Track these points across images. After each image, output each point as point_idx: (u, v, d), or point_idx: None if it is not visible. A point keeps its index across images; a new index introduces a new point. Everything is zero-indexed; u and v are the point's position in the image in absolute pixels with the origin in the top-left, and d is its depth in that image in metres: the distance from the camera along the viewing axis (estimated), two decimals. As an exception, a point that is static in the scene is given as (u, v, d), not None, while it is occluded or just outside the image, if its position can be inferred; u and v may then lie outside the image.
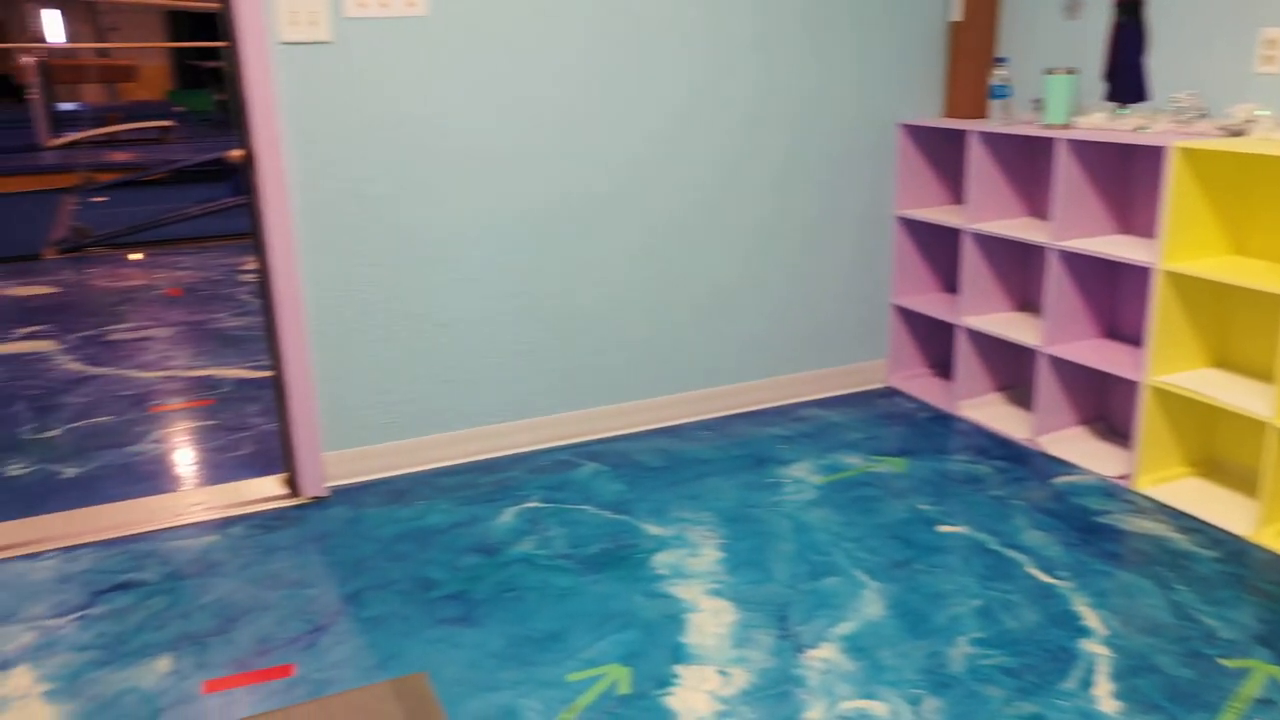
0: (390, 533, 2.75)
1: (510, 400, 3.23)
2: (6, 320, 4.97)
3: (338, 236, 2.88)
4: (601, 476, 3.08)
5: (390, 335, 3.02)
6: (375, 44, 2.78)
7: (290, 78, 2.71)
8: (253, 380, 4.05)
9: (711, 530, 2.73)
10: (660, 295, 3.36)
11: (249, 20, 2.58)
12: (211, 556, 2.64)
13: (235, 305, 5.21)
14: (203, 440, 3.44)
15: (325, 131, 2.79)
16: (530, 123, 3.03)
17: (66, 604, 2.42)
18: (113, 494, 3.03)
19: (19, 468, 3.23)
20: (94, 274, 5.99)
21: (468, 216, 3.02)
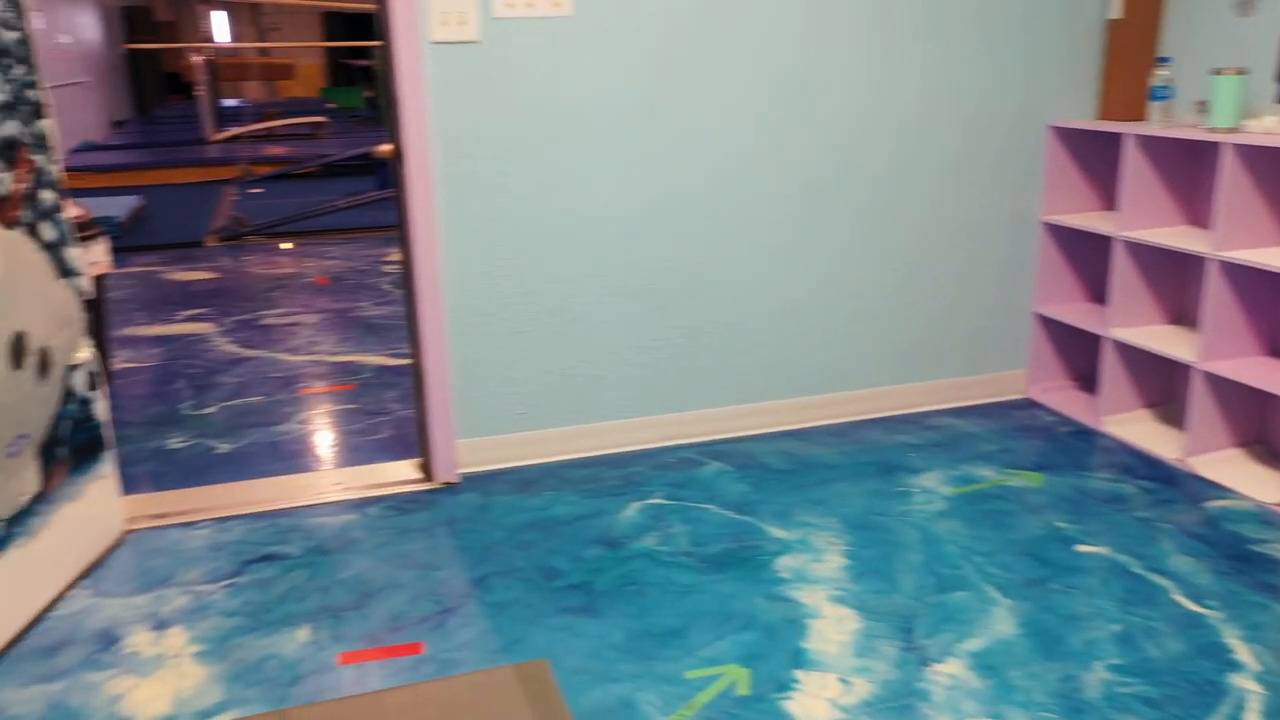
0: (517, 521, 2.81)
1: (638, 396, 3.26)
2: (171, 303, 5.30)
3: (477, 231, 2.96)
4: (726, 476, 3.07)
5: (523, 328, 3.09)
6: (520, 43, 2.85)
7: (438, 76, 2.80)
8: (392, 367, 4.20)
9: (836, 536, 2.69)
10: (793, 298, 3.33)
11: (403, 21, 2.68)
12: (349, 534, 2.75)
13: (378, 295, 5.41)
14: (344, 423, 3.59)
15: (469, 128, 2.87)
16: (670, 121, 3.05)
17: (218, 571, 2.56)
18: (261, 470, 3.20)
19: (179, 441, 3.44)
20: (250, 261, 6.32)
21: (603, 213, 3.06)
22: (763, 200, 3.21)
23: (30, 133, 2.36)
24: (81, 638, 2.28)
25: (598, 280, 3.12)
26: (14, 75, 2.31)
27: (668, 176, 3.09)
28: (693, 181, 3.12)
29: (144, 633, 2.29)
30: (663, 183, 3.09)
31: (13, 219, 2.23)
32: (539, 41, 2.86)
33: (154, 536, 2.75)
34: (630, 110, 3.00)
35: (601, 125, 2.99)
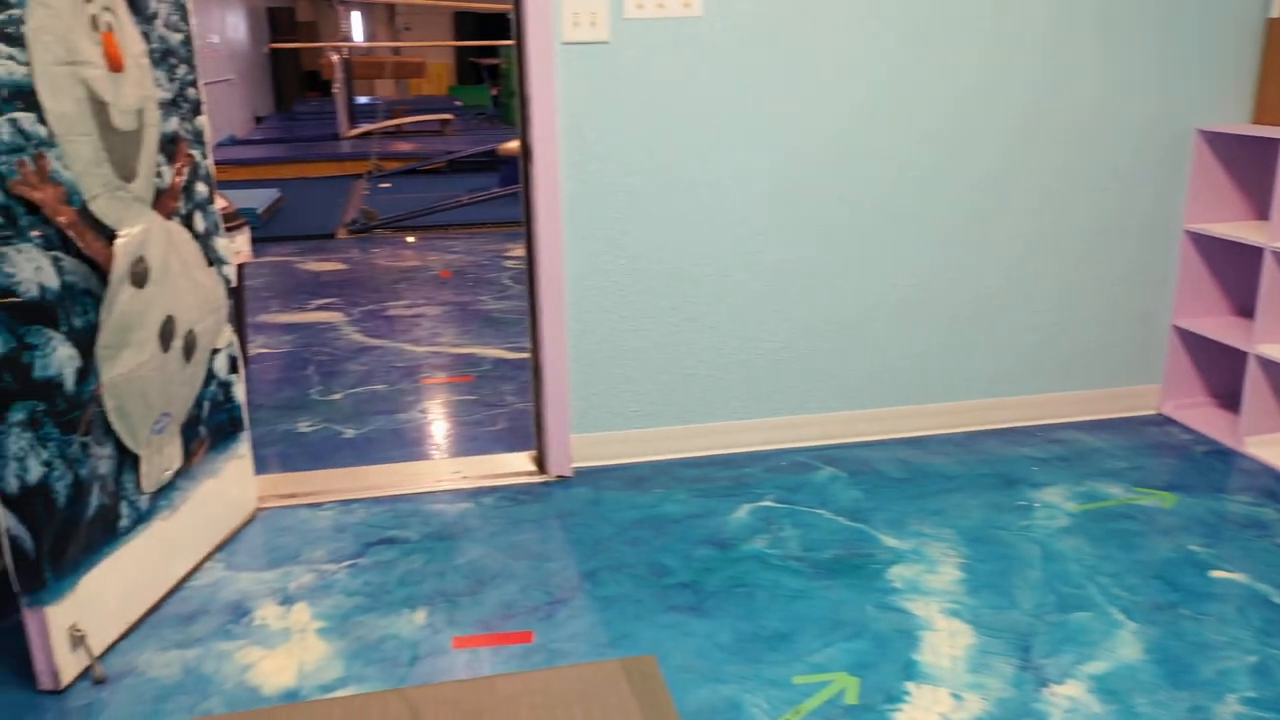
0: (628, 517, 2.84)
1: (753, 398, 3.24)
2: (303, 292, 5.53)
3: (600, 229, 2.99)
4: (839, 482, 3.03)
5: (641, 326, 3.11)
6: (649, 44, 2.87)
7: (568, 76, 2.84)
8: (510, 361, 4.29)
9: (952, 548, 2.63)
10: (916, 304, 3.26)
11: (536, 22, 2.74)
12: (465, 522, 2.82)
13: (498, 289, 5.54)
14: (462, 414, 3.68)
15: (596, 128, 2.91)
16: (796, 124, 3.02)
17: (341, 552, 2.66)
18: (384, 455, 3.31)
19: (308, 425, 3.59)
20: (377, 254, 6.55)
21: (724, 214, 3.06)
22: (883, 201, 3.15)
23: (189, 129, 2.50)
24: (215, 608, 2.40)
25: (716, 280, 3.12)
26: (177, 75, 2.45)
27: (790, 177, 3.07)
28: (814, 183, 3.09)
29: (272, 606, 2.40)
30: (785, 183, 3.07)
31: (170, 210, 2.37)
32: (668, 42, 2.88)
33: (283, 515, 2.88)
34: (755, 111, 2.99)
35: (726, 126, 2.99)
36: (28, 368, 1.93)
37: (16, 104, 1.87)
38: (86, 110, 2.03)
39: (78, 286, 2.02)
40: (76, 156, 2.00)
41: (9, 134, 1.85)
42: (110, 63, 2.10)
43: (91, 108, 2.04)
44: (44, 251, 1.93)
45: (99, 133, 2.07)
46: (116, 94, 2.13)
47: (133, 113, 2.20)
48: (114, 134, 2.12)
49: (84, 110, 2.03)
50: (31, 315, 1.92)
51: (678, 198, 3.02)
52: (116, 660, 2.20)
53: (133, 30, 2.25)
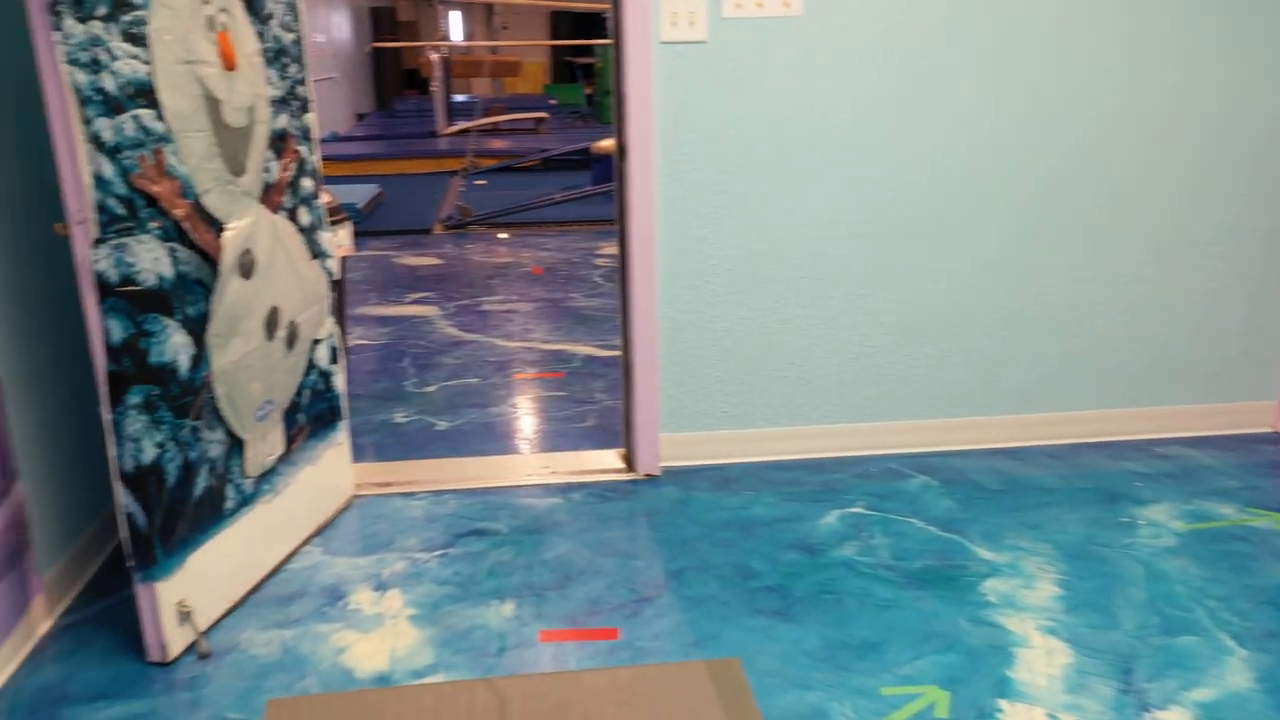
0: (716, 518, 2.83)
1: (844, 402, 3.20)
2: (400, 285, 5.66)
3: (693, 228, 2.99)
4: (932, 491, 2.97)
5: (733, 327, 3.09)
6: (747, 43, 2.85)
7: (665, 75, 2.84)
8: (599, 358, 4.31)
9: (1050, 563, 2.55)
10: (1014, 309, 3.17)
11: (634, 21, 2.74)
12: (554, 517, 2.85)
13: (589, 287, 5.57)
14: (552, 409, 3.72)
15: (691, 128, 2.90)
16: (895, 124, 2.97)
17: (432, 541, 2.71)
18: (475, 448, 3.36)
19: (403, 416, 3.67)
20: (472, 249, 6.65)
21: (820, 215, 3.02)
22: (987, 205, 3.08)
23: (297, 125, 2.58)
24: (313, 591, 2.47)
25: (811, 283, 3.08)
26: (288, 73, 2.52)
27: (889, 180, 3.02)
28: (915, 185, 3.03)
29: (366, 592, 2.46)
30: (884, 186, 3.02)
31: (277, 204, 2.44)
32: (766, 42, 2.86)
33: (378, 503, 2.95)
34: (854, 113, 2.95)
35: (825, 127, 2.95)
36: (145, 353, 2.01)
37: (139, 101, 1.95)
38: (202, 107, 2.11)
39: (190, 276, 2.10)
40: (191, 152, 2.08)
41: (132, 130, 1.93)
42: (224, 62, 2.18)
43: (206, 105, 2.12)
44: (161, 242, 2.01)
45: (212, 129, 2.14)
46: (230, 92, 2.20)
47: (244, 110, 2.27)
48: (226, 130, 2.20)
49: (199, 107, 2.10)
50: (149, 303, 2.00)
51: (774, 200, 3.00)
52: (220, 636, 2.28)
53: (248, 30, 2.32)
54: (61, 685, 2.11)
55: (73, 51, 1.82)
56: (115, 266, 1.94)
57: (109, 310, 1.94)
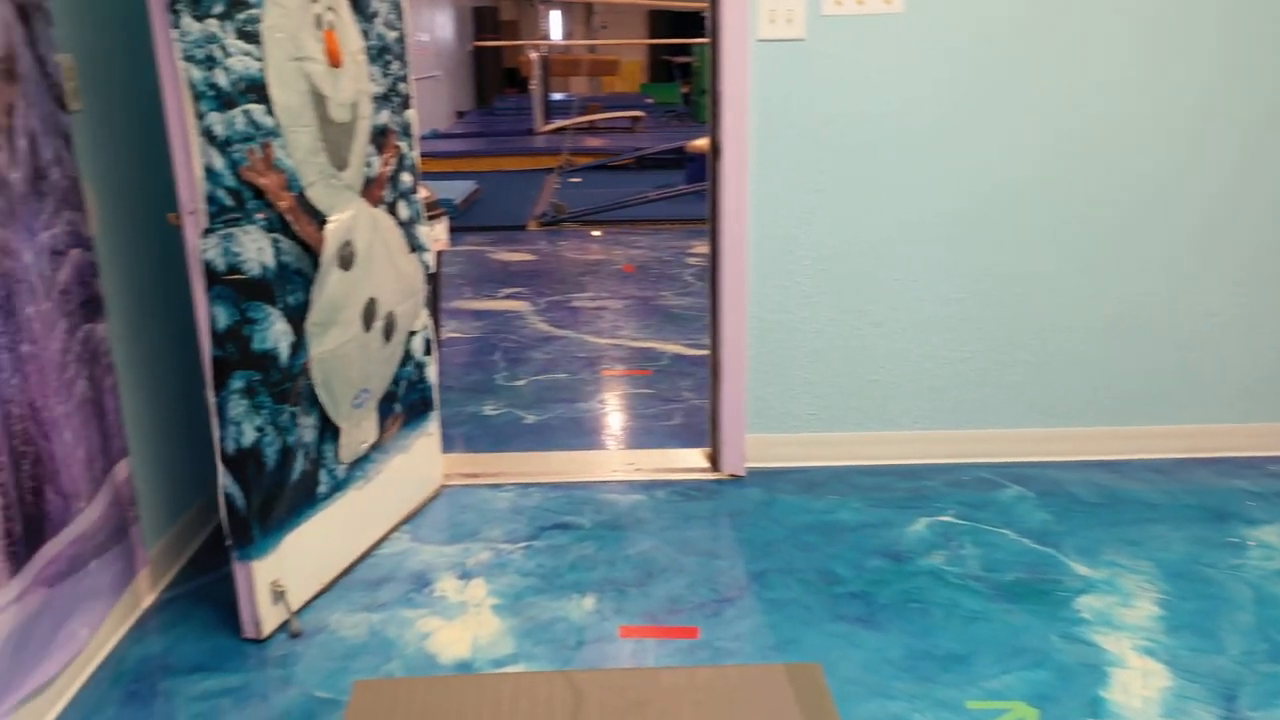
0: (800, 521, 2.80)
1: (936, 408, 3.13)
2: (493, 280, 5.75)
3: (786, 228, 2.96)
4: (1026, 502, 2.88)
5: (824, 329, 3.06)
6: (845, 41, 2.81)
7: (761, 73, 2.82)
8: (688, 357, 4.31)
9: (1150, 582, 2.45)
10: (1117, 316, 3.06)
11: (732, 19, 2.73)
12: (637, 514, 2.86)
13: (679, 285, 5.57)
14: (639, 407, 3.73)
15: (786, 126, 2.87)
16: (996, 124, 2.89)
17: (517, 533, 2.75)
18: (562, 443, 3.39)
19: (492, 409, 3.72)
20: (564, 246, 6.72)
21: (915, 217, 2.97)
22: (1091, 207, 2.97)
23: (398, 122, 2.64)
24: (400, 576, 2.53)
25: (905, 285, 3.02)
26: (391, 70, 2.59)
27: (990, 181, 2.94)
28: (1017, 186, 2.95)
29: (451, 580, 2.51)
30: (984, 187, 2.94)
31: (377, 198, 2.50)
32: (866, 39, 2.81)
33: (465, 493, 3.00)
34: (955, 112, 2.88)
35: (922, 127, 2.89)
36: (248, 340, 2.08)
37: (250, 96, 2.02)
38: (308, 103, 2.17)
39: (292, 267, 2.17)
40: (297, 146, 2.15)
41: (243, 124, 2.00)
42: (330, 59, 2.24)
43: (313, 101, 2.19)
44: (266, 233, 2.08)
45: (318, 124, 2.21)
46: (335, 88, 2.27)
47: (348, 105, 2.33)
48: (330, 125, 2.26)
49: (306, 103, 2.17)
50: (253, 292, 2.07)
51: (869, 200, 2.95)
52: (310, 617, 2.35)
53: (353, 28, 2.39)
54: (162, 657, 2.21)
55: (189, 48, 1.90)
56: (222, 255, 2.01)
57: (215, 298, 2.02)
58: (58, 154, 2.02)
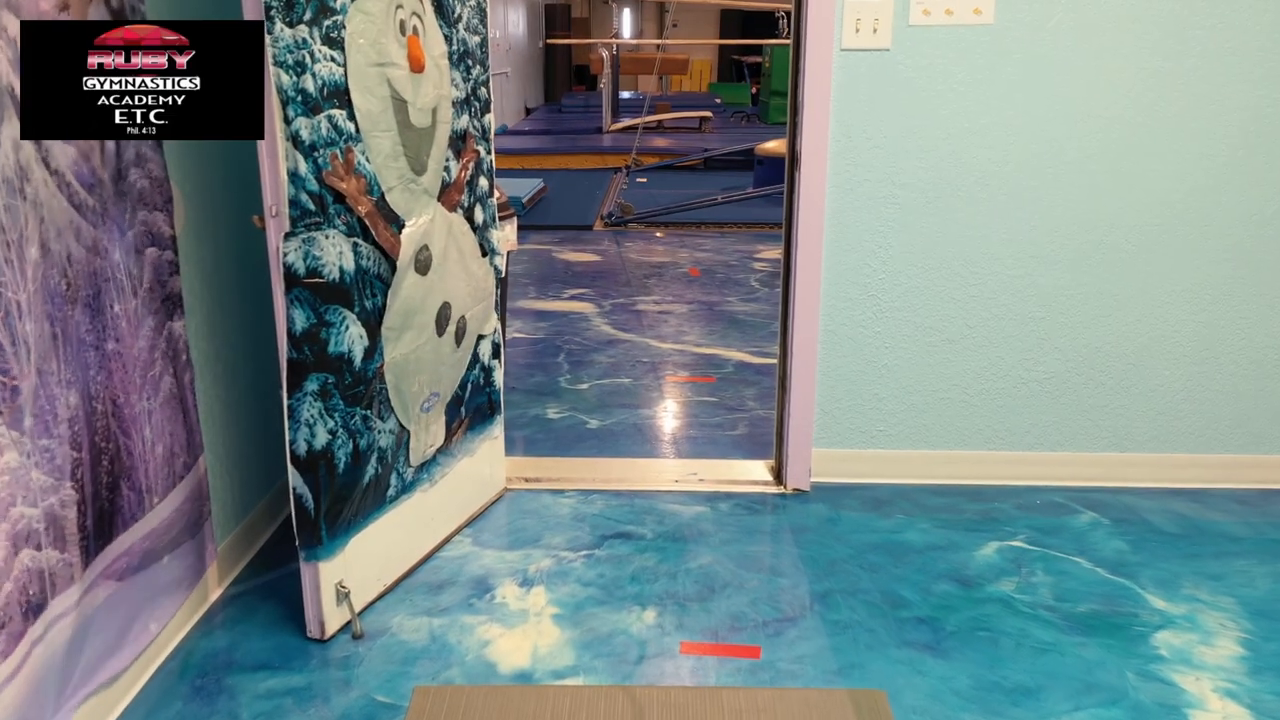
0: (865, 540, 2.75)
1: (1009, 429, 3.05)
2: (558, 281, 5.76)
3: (863, 240, 2.91)
4: (1101, 530, 2.80)
5: (897, 344, 3.00)
6: (932, 52, 2.75)
7: (844, 82, 2.77)
8: (752, 365, 4.27)
9: (1233, 620, 2.36)
10: (1206, 341, 2.95)
11: (817, 28, 2.69)
12: (699, 526, 2.83)
13: (745, 291, 5.53)
14: (703, 415, 3.70)
15: (868, 136, 2.82)
16: (1083, 142, 2.81)
17: (578, 541, 2.74)
18: (624, 449, 3.38)
19: (555, 412, 3.73)
20: (630, 247, 6.71)
21: (997, 234, 2.89)
22: (1184, 231, 2.87)
23: (477, 126, 2.64)
24: (462, 580, 2.54)
25: (983, 302, 2.95)
26: (472, 75, 2.59)
27: (1075, 200, 2.86)
28: (1104, 208, 2.86)
29: (512, 586, 2.51)
30: (1069, 207, 2.86)
31: (454, 202, 2.51)
32: (953, 51, 2.75)
33: (527, 498, 3.00)
34: (1041, 129, 2.80)
35: (1009, 143, 2.82)
36: (324, 343, 2.10)
37: (334, 102, 2.03)
38: (389, 108, 2.19)
39: (370, 271, 2.18)
40: (378, 151, 2.16)
41: (326, 129, 2.02)
42: (412, 64, 2.25)
43: (394, 106, 2.20)
44: (345, 237, 2.10)
45: (398, 129, 2.22)
46: (415, 93, 2.27)
47: (428, 110, 2.34)
48: (410, 130, 2.27)
49: (387, 108, 2.18)
50: (331, 295, 2.09)
51: (948, 214, 2.88)
52: (372, 619, 2.36)
53: (436, 33, 2.39)
54: (228, 652, 2.24)
55: (280, 54, 1.92)
56: (303, 259, 2.03)
57: (294, 300, 2.04)
58: (140, 153, 2.05)
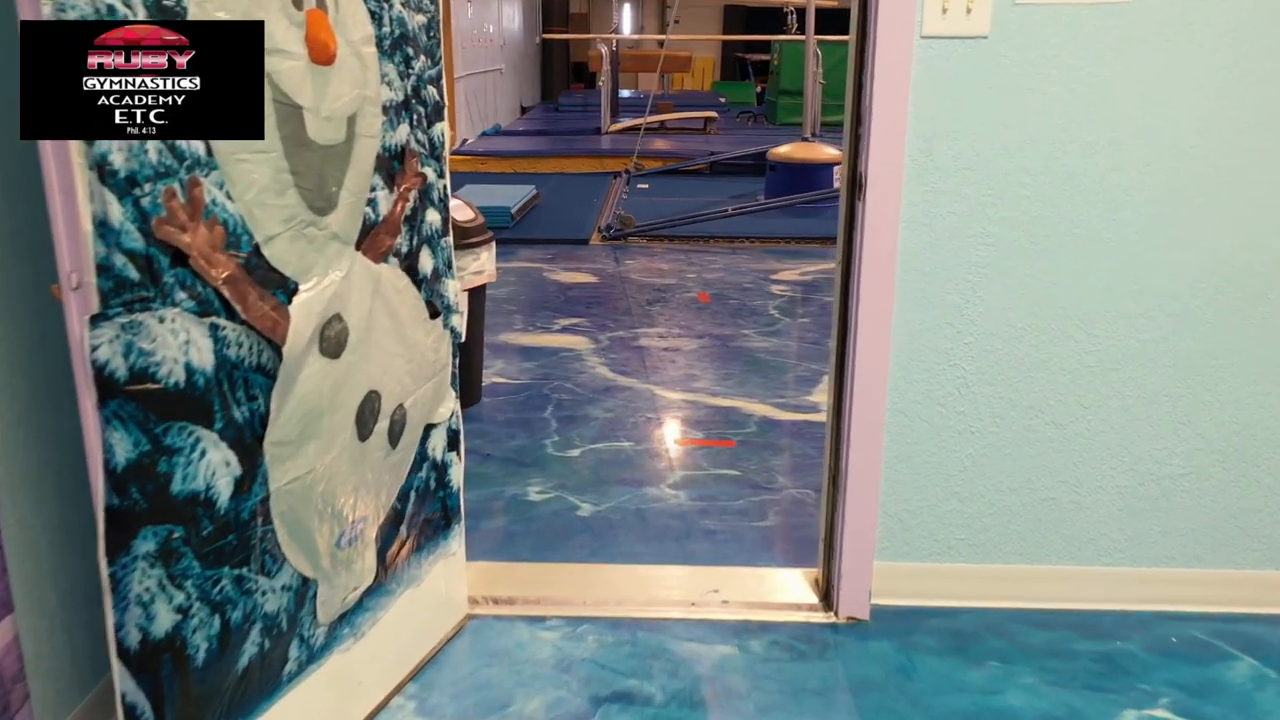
0: (953, 706, 2.01)
1: (1132, 538, 2.32)
2: (549, 308, 5.01)
3: (943, 292, 2.17)
4: (1270, 687, 2.07)
5: (985, 428, 2.27)
6: (1046, 40, 2.02)
7: (923, 82, 2.04)
8: (779, 423, 3.53)
9: None
10: (1399, 428, 2.23)
11: (891, 7, 1.95)
12: (725, 679, 2.10)
13: (763, 322, 4.79)
14: (722, 496, 2.96)
15: (956, 154, 2.09)
16: (1254, 161, 2.07)
17: (564, 707, 2.00)
18: (624, 548, 2.65)
19: (539, 490, 2.98)
20: (631, 265, 5.96)
21: (1126, 284, 2.16)
22: (1378, 283, 2.14)
23: (422, 140, 1.90)
24: (397, 782, 1.80)
25: (1103, 375, 2.22)
26: (413, 69, 1.85)
27: (1235, 239, 2.12)
28: (1272, 247, 2.13)
29: (468, 792, 1.77)
30: (1226, 247, 2.13)
31: (384, 249, 1.77)
32: (1074, 38, 2.01)
33: (497, 630, 2.26)
34: (1193, 143, 2.07)
35: (1146, 162, 2.08)
36: (165, 479, 1.36)
37: (170, 107, 1.29)
38: (270, 117, 1.44)
39: (242, 364, 1.44)
40: (247, 183, 1.42)
41: (155, 154, 1.28)
42: (313, 52, 1.51)
43: (277, 114, 1.45)
44: (196, 318, 1.36)
45: (284, 148, 1.48)
46: (319, 95, 1.53)
47: (340, 120, 1.60)
48: (308, 150, 1.53)
49: (267, 118, 1.44)
50: (174, 408, 1.35)
51: (1060, 258, 2.15)
52: None
53: (357, 7, 1.66)
54: None
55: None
56: (124, 354, 1.29)
57: (112, 418, 1.30)
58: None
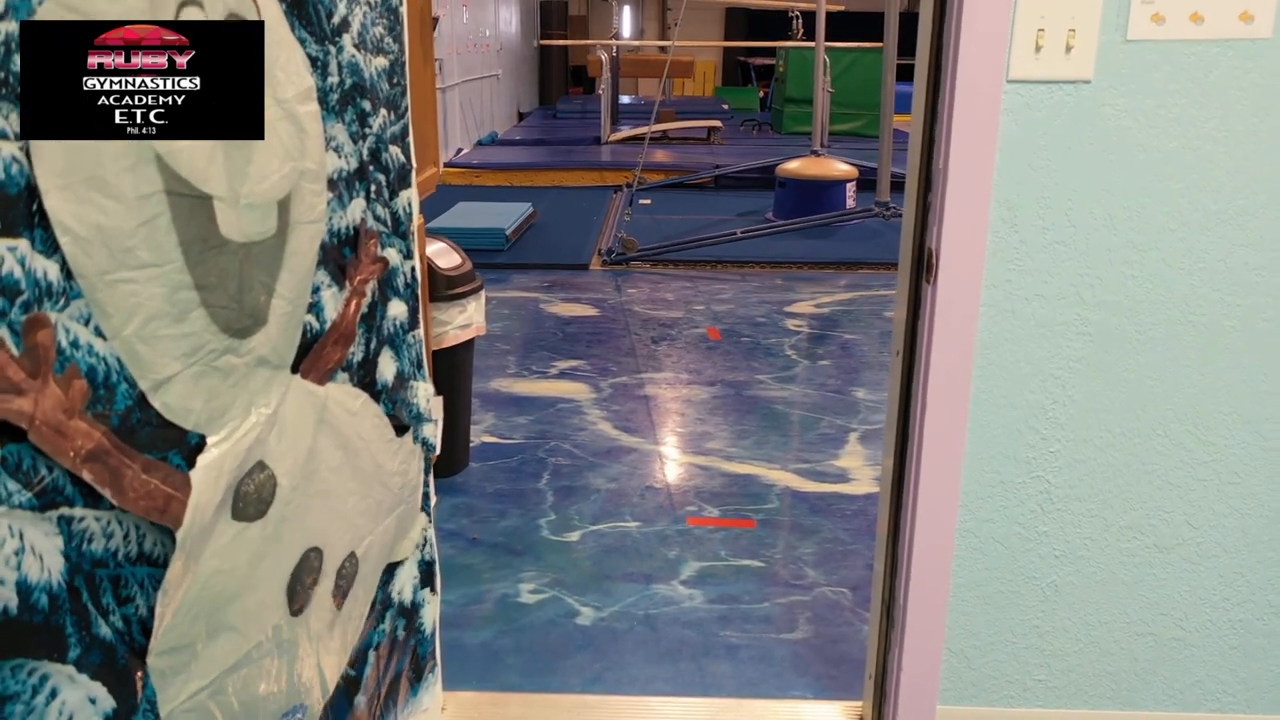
0: None
1: (1249, 683, 1.93)
2: (545, 347, 4.61)
3: (1029, 390, 1.78)
4: None
5: (1072, 549, 1.87)
6: (1161, 85, 1.62)
7: (1013, 136, 1.64)
8: (804, 496, 3.14)
9: None
10: None
11: (973, 46, 1.55)
12: None
13: (779, 364, 4.39)
14: (743, 598, 2.56)
15: (1046, 226, 1.69)
16: None
17: None
18: (630, 668, 2.25)
19: (531, 589, 2.59)
20: (633, 296, 5.56)
21: (1251, 383, 1.76)
22: None
23: (382, 214, 1.50)
24: None
25: (1219, 489, 1.82)
26: (371, 127, 1.45)
27: (1390, 331, 1.73)
28: None
29: None
30: (1378, 341, 1.73)
31: (330, 365, 1.37)
32: (1198, 84, 1.62)
33: (482, 795, 1.86)
34: (1340, 210, 1.67)
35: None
36: (-3, 732, 0.96)
37: (-8, 217, 0.89)
38: (162, 213, 1.04)
39: (115, 558, 1.04)
40: (128, 310, 1.01)
41: (-34, 283, 0.88)
42: (221, 119, 1.10)
43: (172, 207, 1.05)
44: (34, 515, 0.95)
45: (186, 256, 1.07)
46: (236, 177, 1.13)
47: (268, 207, 1.20)
48: (221, 253, 1.12)
49: (155, 215, 1.03)
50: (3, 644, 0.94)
51: (1169, 350, 1.75)
52: None
53: (292, 54, 1.25)
54: None
55: None
56: (-72, 569, 0.89)
57: (-86, 657, 0.90)
58: None
